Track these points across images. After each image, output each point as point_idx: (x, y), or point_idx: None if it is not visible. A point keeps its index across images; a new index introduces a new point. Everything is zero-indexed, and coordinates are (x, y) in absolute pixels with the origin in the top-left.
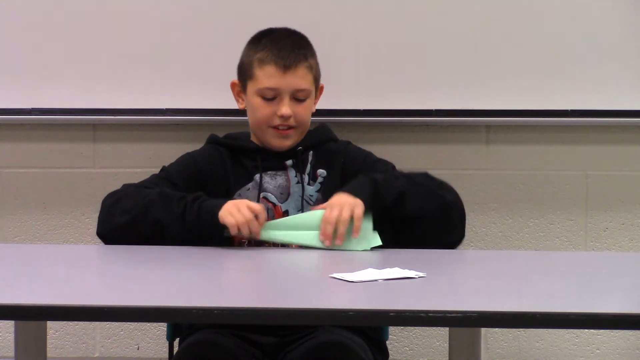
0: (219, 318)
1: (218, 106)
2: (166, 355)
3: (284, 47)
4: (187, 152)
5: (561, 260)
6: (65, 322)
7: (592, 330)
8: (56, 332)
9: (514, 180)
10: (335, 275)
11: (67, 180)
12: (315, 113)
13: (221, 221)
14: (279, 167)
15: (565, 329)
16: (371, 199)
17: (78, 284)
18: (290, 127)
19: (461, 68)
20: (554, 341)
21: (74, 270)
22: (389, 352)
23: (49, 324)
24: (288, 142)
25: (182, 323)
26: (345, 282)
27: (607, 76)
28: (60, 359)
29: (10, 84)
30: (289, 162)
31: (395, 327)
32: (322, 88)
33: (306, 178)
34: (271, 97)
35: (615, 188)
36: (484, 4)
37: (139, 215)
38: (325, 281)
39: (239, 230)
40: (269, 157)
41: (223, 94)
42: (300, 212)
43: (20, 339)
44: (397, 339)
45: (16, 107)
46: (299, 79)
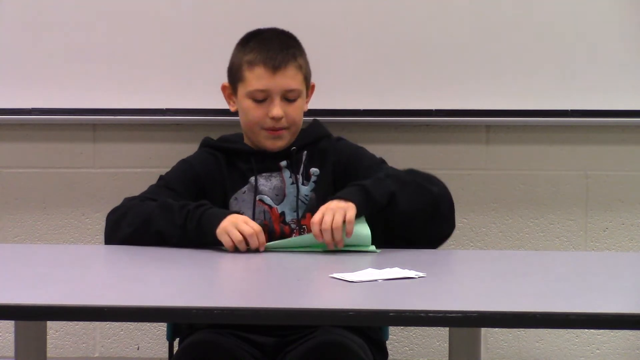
0: (219, 318)
1: (218, 106)
2: (166, 355)
3: (272, 48)
4: (182, 159)
5: (561, 260)
6: (65, 322)
7: (592, 330)
8: (56, 332)
9: (514, 180)
10: (335, 275)
11: (67, 180)
12: (315, 113)
13: (218, 238)
14: (273, 168)
15: (565, 329)
16: (364, 201)
17: (78, 284)
18: (282, 128)
19: (461, 68)
20: (554, 341)
21: (74, 270)
22: (389, 352)
23: (49, 324)
24: (281, 142)
25: (182, 323)
26: (345, 282)
27: (607, 76)
28: (60, 359)
29: (10, 84)
30: (283, 164)
31: (395, 327)
32: (314, 87)
33: (300, 178)
34: (262, 98)
35: (615, 188)
36: (484, 4)
37: (142, 227)
38: (325, 281)
39: (235, 247)
40: (263, 158)
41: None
42: (295, 212)
43: (20, 339)
44: (397, 339)
45: (16, 107)
46: (289, 79)
